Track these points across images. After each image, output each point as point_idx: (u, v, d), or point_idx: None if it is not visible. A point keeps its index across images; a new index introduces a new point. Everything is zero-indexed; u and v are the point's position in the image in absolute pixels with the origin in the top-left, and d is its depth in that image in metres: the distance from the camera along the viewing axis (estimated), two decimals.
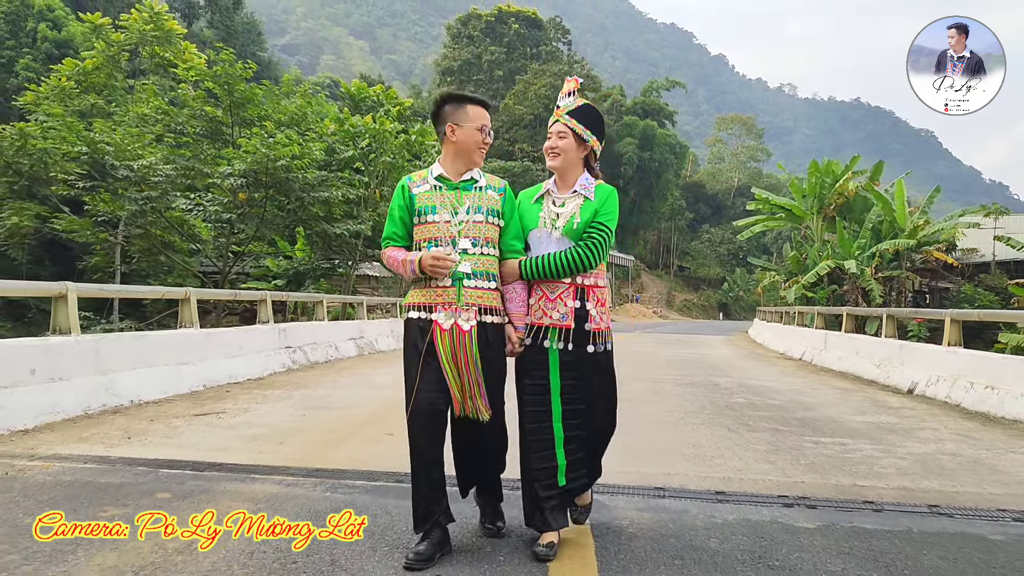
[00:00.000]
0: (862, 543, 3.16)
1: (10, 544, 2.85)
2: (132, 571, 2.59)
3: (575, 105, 3.03)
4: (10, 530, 3.02)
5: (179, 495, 3.59)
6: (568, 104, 3.03)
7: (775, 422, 6.47)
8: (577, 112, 3.02)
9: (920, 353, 9.77)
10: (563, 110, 3.03)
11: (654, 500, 3.77)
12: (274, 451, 4.72)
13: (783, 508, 3.70)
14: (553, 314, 2.93)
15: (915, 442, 5.73)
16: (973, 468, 4.81)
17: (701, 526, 3.34)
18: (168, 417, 5.93)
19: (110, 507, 3.34)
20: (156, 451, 4.62)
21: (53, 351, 5.88)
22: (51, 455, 4.44)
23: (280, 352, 10.03)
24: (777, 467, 4.65)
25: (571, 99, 3.05)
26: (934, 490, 4.18)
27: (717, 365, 12.65)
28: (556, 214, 3.01)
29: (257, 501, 3.52)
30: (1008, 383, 7.41)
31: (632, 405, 7.02)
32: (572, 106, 3.03)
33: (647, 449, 5.08)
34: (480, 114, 2.94)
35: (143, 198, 15.80)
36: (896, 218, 24.89)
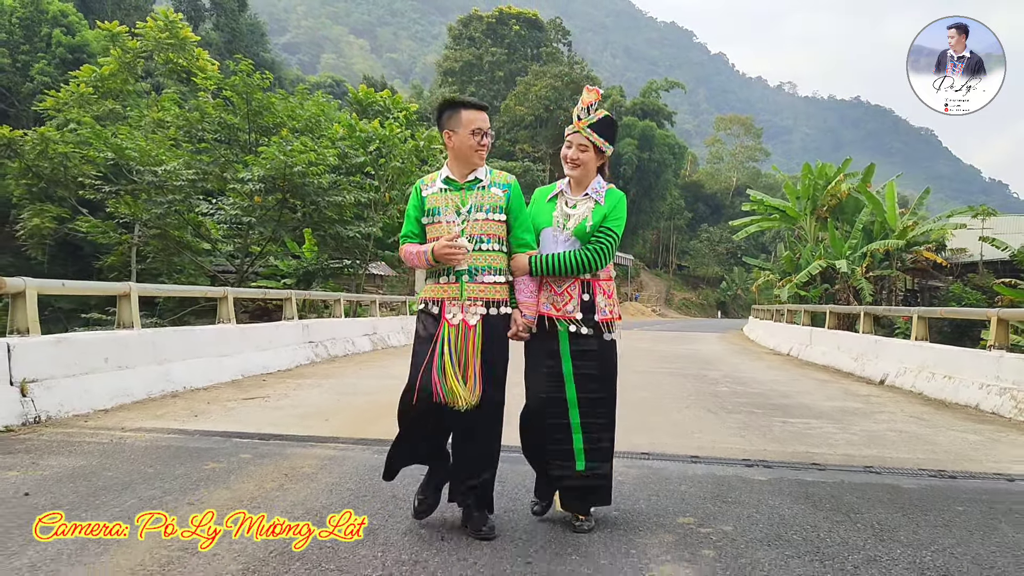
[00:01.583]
0: (800, 488, 4.04)
1: (147, 484, 3.72)
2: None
3: (597, 118, 3.14)
4: (144, 475, 3.88)
5: (257, 455, 4.47)
6: (591, 117, 3.13)
7: (752, 406, 7.35)
8: (597, 124, 3.14)
9: (891, 347, 10.66)
10: (584, 123, 3.13)
11: (640, 461, 4.65)
12: (321, 426, 5.60)
13: (744, 467, 4.58)
14: (562, 306, 3.11)
15: (871, 422, 6.60)
16: (911, 441, 5.70)
17: (676, 478, 4.21)
18: (221, 400, 6.81)
19: (211, 462, 4.22)
20: (223, 426, 5.50)
21: (121, 343, 6.75)
22: (137, 428, 5.31)
23: (304, 346, 10.90)
24: (746, 439, 5.53)
25: (593, 111, 3.14)
26: (872, 456, 5.06)
27: (708, 359, 13.53)
28: (568, 215, 3.16)
29: (321, 459, 4.39)
30: (963, 373, 8.29)
31: (627, 393, 7.86)
32: (594, 119, 3.13)
33: (638, 426, 5.95)
34: (473, 118, 3.03)
35: (168, 202, 16.69)
36: (887, 219, 25.78)
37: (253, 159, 15.70)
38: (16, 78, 31.56)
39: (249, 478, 3.89)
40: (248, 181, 15.68)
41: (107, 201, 18.38)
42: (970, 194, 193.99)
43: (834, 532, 3.25)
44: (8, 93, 31.70)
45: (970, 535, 3.28)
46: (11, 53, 31.42)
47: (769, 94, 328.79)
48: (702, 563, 2.82)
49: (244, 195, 16.49)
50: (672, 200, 68.98)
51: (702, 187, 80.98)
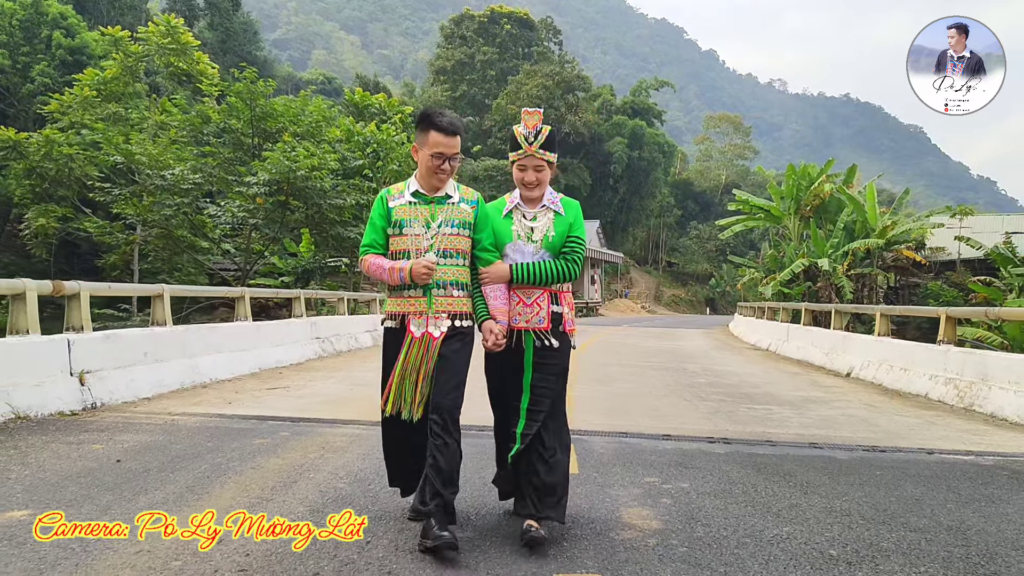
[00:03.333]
0: (751, 459, 4.87)
1: (212, 455, 4.49)
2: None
3: (544, 138, 3.16)
4: (206, 448, 4.65)
5: (294, 433, 5.27)
6: (540, 139, 3.15)
7: (724, 396, 8.19)
8: (547, 143, 3.17)
9: (858, 342, 11.52)
10: (535, 146, 3.14)
11: (618, 438, 5.46)
12: (342, 411, 6.38)
13: (707, 443, 5.40)
14: (531, 318, 3.15)
15: (827, 409, 7.45)
16: (857, 424, 6.54)
17: (648, 451, 5.03)
18: (247, 390, 7.58)
19: (257, 439, 5.01)
20: (256, 411, 6.28)
21: (156, 339, 7.51)
22: (182, 413, 6.09)
23: (312, 342, 11.67)
24: (712, 422, 6.36)
25: (539, 132, 3.16)
26: (819, 435, 5.89)
27: (691, 354, 14.38)
28: (530, 227, 3.19)
29: (350, 436, 5.18)
30: (917, 366, 9.16)
31: (612, 384, 8.71)
32: (543, 139, 3.15)
33: (619, 411, 6.77)
34: (437, 141, 3.02)
35: (176, 204, 17.43)
36: (868, 219, 26.75)
37: (259, 164, 16.44)
38: (16, 79, 32.02)
39: (293, 450, 4.68)
40: (253, 184, 16.42)
41: (115, 202, 19.04)
42: (959, 191, 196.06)
43: (769, 488, 4.08)
44: (8, 94, 32.20)
45: (877, 490, 4.11)
46: (11, 55, 31.90)
47: (759, 91, 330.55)
48: (660, 507, 3.64)
49: (248, 198, 17.22)
50: (662, 198, 70.01)
51: (692, 185, 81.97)
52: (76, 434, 5.02)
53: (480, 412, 3.82)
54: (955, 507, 3.83)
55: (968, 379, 7.89)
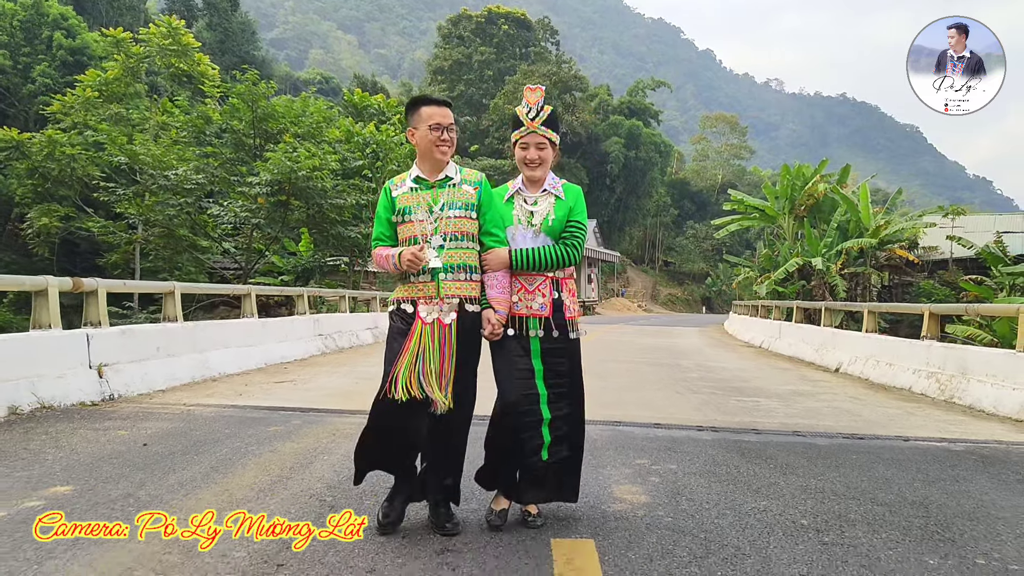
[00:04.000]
0: (736, 445, 5.18)
1: (231, 440, 4.79)
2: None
3: (547, 115, 3.18)
4: (224, 434, 4.95)
5: (306, 422, 5.57)
6: (542, 115, 3.16)
7: (715, 389, 8.50)
8: (547, 121, 3.18)
9: (846, 339, 11.85)
10: (538, 121, 3.16)
11: (612, 427, 5.77)
12: (348, 402, 6.67)
13: (696, 431, 5.71)
14: (533, 305, 3.15)
15: (813, 401, 7.77)
16: (839, 414, 6.86)
17: (640, 437, 5.34)
18: (256, 384, 7.88)
19: (271, 427, 5.31)
20: (267, 402, 6.57)
21: (169, 334, 7.81)
22: (197, 404, 6.38)
23: (315, 339, 11.96)
24: (702, 412, 6.67)
25: (540, 109, 3.17)
26: (803, 424, 6.21)
27: (685, 351, 14.70)
28: (530, 212, 3.20)
29: (358, 425, 5.40)
30: (902, 361, 9.48)
31: (609, 379, 9.02)
32: (545, 116, 3.17)
33: (614, 403, 7.08)
34: (432, 112, 3.04)
35: (179, 204, 17.72)
36: (861, 218, 27.11)
37: (261, 164, 16.74)
38: (17, 80, 32.25)
39: (306, 436, 4.99)
40: (255, 184, 16.72)
41: (118, 202, 19.33)
42: (955, 191, 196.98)
43: (751, 469, 4.39)
44: (9, 94, 32.43)
45: (851, 471, 4.43)
46: (12, 55, 32.13)
47: (756, 90, 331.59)
48: (649, 484, 3.95)
49: (250, 197, 17.51)
50: (658, 198, 70.42)
51: (688, 184, 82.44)
52: (100, 421, 5.32)
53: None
54: (921, 485, 4.14)
55: (949, 373, 8.22)
